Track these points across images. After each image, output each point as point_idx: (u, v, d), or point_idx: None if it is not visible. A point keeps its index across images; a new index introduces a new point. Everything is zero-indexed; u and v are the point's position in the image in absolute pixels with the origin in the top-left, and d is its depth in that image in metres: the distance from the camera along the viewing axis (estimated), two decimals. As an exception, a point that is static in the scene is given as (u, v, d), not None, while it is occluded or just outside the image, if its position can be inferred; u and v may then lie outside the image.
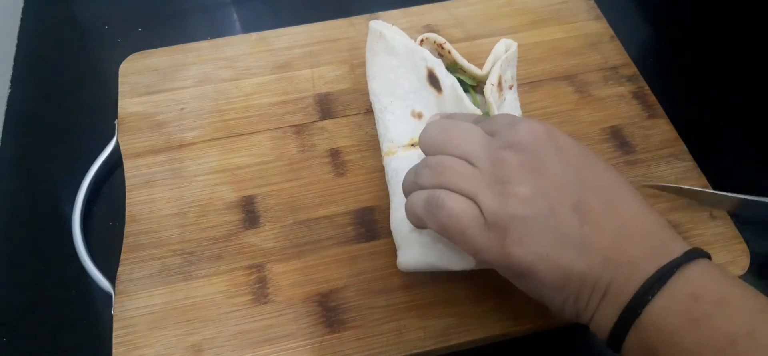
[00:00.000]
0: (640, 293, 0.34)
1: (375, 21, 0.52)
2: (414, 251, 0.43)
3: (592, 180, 0.36)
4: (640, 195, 0.38)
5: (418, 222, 0.39)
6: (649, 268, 0.34)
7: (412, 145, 0.47)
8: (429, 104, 0.48)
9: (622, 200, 0.36)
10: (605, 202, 0.36)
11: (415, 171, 0.40)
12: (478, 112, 0.46)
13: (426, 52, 0.49)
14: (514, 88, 0.51)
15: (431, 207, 0.37)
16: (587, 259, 0.35)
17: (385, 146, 0.48)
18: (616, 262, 0.35)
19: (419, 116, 0.48)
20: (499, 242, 0.35)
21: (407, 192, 0.40)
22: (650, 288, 0.34)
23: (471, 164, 0.37)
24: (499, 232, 0.35)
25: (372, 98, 0.51)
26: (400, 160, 0.46)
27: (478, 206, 0.36)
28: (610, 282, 0.35)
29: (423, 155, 0.41)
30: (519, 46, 0.51)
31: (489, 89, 0.48)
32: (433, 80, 0.48)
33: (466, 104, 0.46)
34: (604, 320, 0.35)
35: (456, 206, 0.36)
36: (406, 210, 0.40)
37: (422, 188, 0.38)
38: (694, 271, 0.34)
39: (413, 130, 0.47)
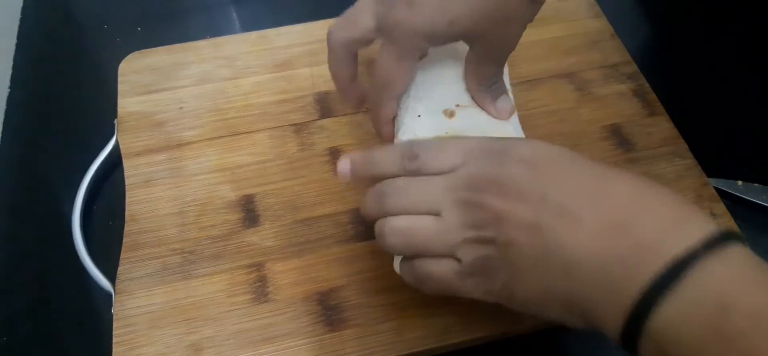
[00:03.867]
0: (647, 295, 0.29)
1: None
2: None
3: (567, 180, 0.33)
4: (635, 179, 0.33)
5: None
6: (656, 262, 0.29)
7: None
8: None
9: (611, 191, 0.32)
10: (590, 196, 0.32)
11: (382, 234, 0.38)
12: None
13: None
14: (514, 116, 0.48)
15: (420, 282, 0.38)
16: (559, 271, 0.32)
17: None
18: (611, 260, 0.30)
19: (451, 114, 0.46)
20: (479, 284, 0.36)
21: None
22: (659, 289, 0.28)
23: (438, 214, 0.36)
24: (478, 275, 0.35)
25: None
26: None
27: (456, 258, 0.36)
28: (606, 285, 0.31)
29: None
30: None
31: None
32: None
33: None
34: (611, 326, 0.31)
35: (436, 271, 0.37)
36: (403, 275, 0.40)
37: (400, 254, 0.39)
38: (720, 267, 0.28)
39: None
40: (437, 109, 0.46)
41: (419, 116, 0.45)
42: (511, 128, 0.46)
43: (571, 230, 0.32)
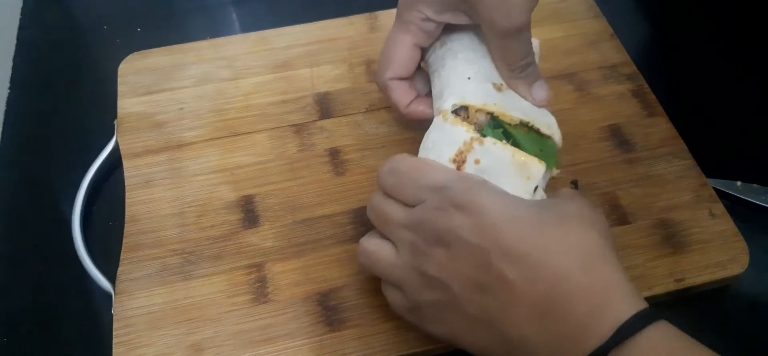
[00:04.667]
0: None
1: None
2: None
3: (515, 246, 0.34)
4: (572, 247, 0.34)
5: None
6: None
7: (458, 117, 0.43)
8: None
9: (551, 264, 0.33)
10: (527, 270, 0.33)
11: (359, 253, 0.41)
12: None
13: None
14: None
15: (390, 303, 0.41)
16: (498, 337, 0.34)
17: (450, 101, 0.44)
18: (541, 348, 0.33)
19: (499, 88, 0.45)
20: (424, 321, 0.38)
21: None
22: None
23: (396, 247, 0.39)
24: (423, 314, 0.38)
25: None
26: (443, 132, 0.43)
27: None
28: None
29: (462, 138, 0.41)
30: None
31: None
32: None
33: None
34: None
35: (392, 300, 0.40)
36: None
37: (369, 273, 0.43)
38: None
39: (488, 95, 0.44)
40: (487, 78, 0.45)
41: (469, 78, 0.45)
42: (551, 116, 0.45)
43: (509, 306, 0.34)
